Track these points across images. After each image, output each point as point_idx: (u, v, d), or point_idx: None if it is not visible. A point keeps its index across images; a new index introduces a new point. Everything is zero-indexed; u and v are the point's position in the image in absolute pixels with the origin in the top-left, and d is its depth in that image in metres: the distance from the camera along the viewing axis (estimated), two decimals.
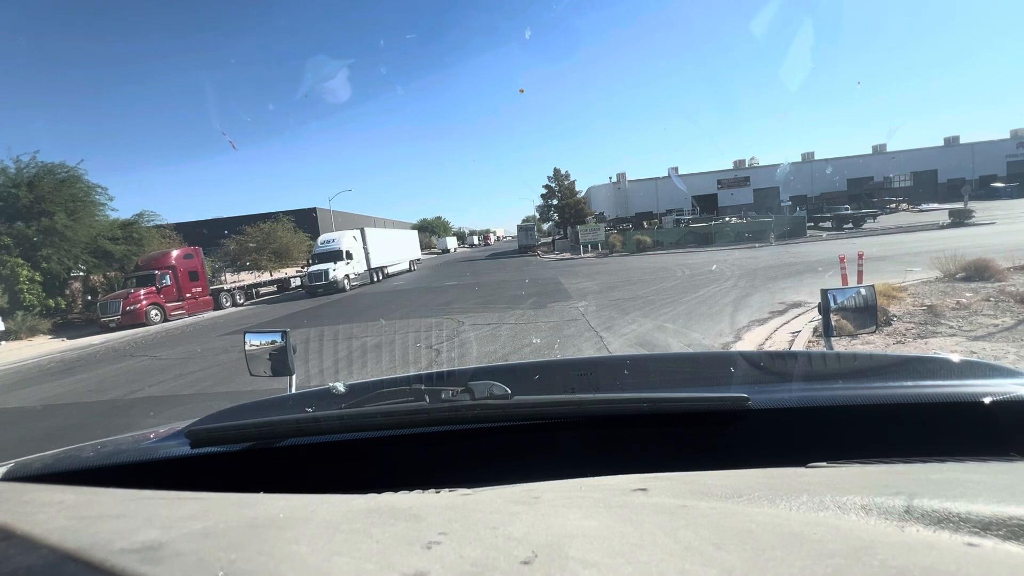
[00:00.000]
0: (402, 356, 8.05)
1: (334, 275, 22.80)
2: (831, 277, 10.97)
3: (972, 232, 20.56)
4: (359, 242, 26.52)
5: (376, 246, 27.91)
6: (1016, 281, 8.08)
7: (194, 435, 1.07)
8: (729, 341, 6.98)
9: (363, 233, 27.20)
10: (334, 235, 26.28)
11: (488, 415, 1.01)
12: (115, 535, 0.42)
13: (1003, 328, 5.74)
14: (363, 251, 26.39)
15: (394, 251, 31.20)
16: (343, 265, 23.87)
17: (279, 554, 0.42)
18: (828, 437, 1.00)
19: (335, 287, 22.75)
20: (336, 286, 22.78)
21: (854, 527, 0.50)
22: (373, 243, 27.69)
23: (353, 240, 26.05)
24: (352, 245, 25.45)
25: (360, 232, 27.24)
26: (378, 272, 28.05)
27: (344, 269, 23.77)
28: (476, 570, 0.41)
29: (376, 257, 27.67)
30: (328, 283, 22.60)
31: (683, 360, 1.92)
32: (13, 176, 19.84)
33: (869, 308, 1.81)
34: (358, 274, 25.40)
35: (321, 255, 24.38)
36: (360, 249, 26.20)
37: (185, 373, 8.77)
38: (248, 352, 1.95)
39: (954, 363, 1.21)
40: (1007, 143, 53.99)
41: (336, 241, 25.26)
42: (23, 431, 6.64)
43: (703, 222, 34.86)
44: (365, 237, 27.01)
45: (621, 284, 14.54)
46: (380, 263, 28.23)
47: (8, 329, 18.05)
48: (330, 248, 24.78)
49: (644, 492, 0.67)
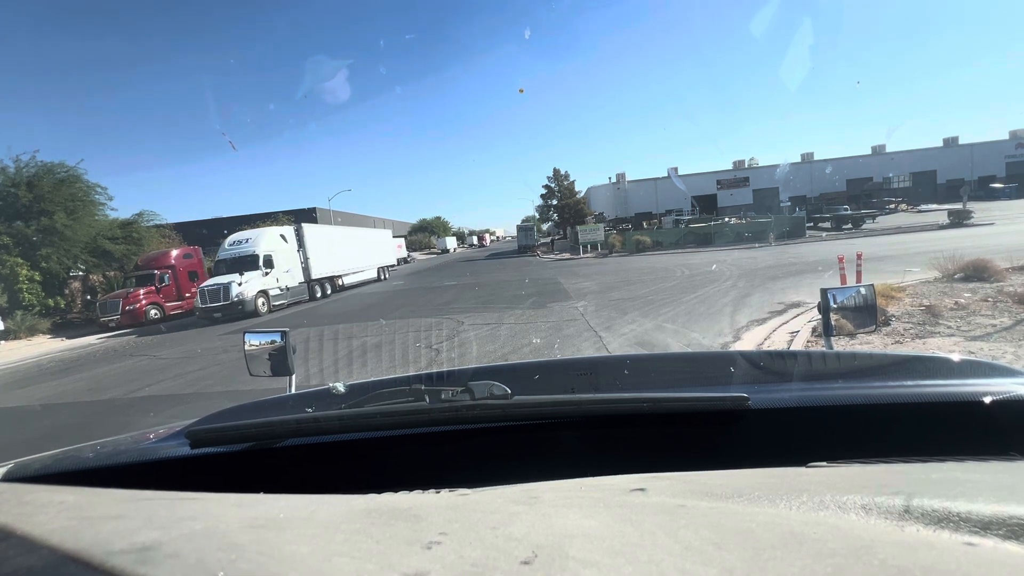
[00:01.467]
0: (402, 356, 8.05)
1: (239, 292, 16.36)
2: (830, 277, 10.98)
3: (971, 233, 20.58)
4: (291, 244, 19.80)
5: (321, 249, 21.10)
6: (1014, 281, 8.09)
7: (194, 435, 1.07)
8: (728, 341, 6.98)
9: (300, 232, 20.38)
10: (250, 233, 19.37)
11: (488, 415, 1.01)
12: (115, 535, 0.41)
13: (1001, 328, 5.74)
14: (299, 256, 19.95)
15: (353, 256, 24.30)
16: (257, 277, 17.25)
17: (279, 554, 0.42)
18: (828, 437, 1.00)
19: (240, 309, 16.29)
20: (242, 308, 16.31)
21: (854, 527, 0.50)
22: (316, 245, 20.81)
23: (280, 241, 19.34)
24: (276, 248, 18.80)
25: (295, 230, 20.46)
26: (324, 284, 21.34)
27: (257, 283, 17.17)
28: (476, 570, 0.41)
29: (321, 264, 20.97)
30: (229, 304, 16.17)
31: (683, 360, 1.92)
32: (13, 176, 19.84)
33: (868, 308, 1.81)
34: (287, 289, 18.87)
35: (228, 262, 17.78)
36: (291, 253, 19.59)
37: (184, 373, 8.76)
38: (248, 352, 1.95)
39: (954, 362, 1.21)
40: (1006, 144, 54.04)
41: (250, 242, 18.49)
42: (22, 431, 6.63)
43: (702, 222, 34.89)
44: (303, 237, 20.23)
45: (620, 284, 14.54)
46: (328, 272, 21.66)
47: (7, 329, 18.05)
48: (240, 252, 18.02)
49: (644, 492, 0.67)
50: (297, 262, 19.83)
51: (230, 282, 16.50)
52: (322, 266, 21.06)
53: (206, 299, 16.48)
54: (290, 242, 19.82)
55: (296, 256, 19.83)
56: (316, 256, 20.59)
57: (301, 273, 19.98)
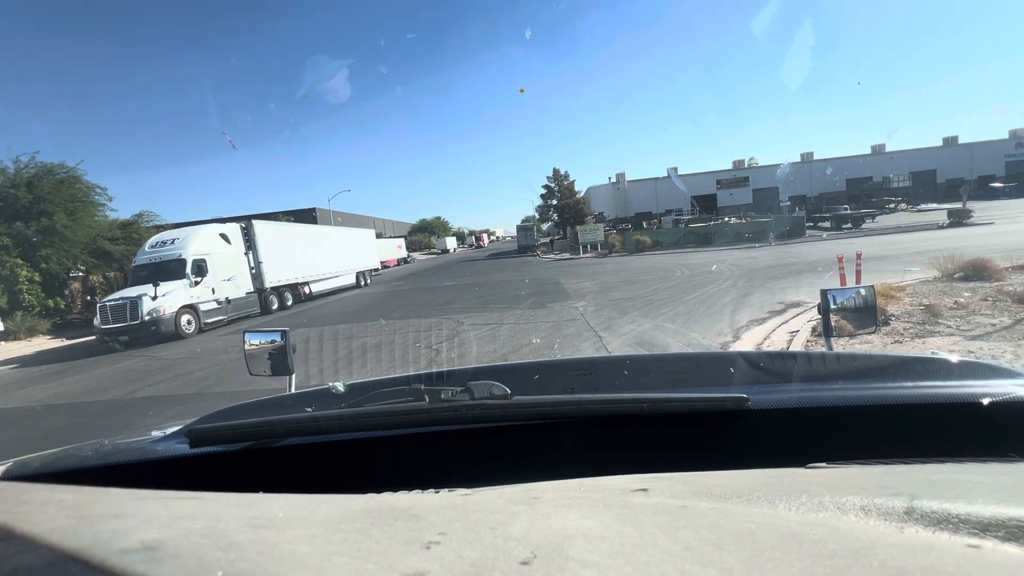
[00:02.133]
0: (401, 356, 8.05)
1: (153, 309, 12.70)
2: (830, 277, 10.99)
3: (971, 232, 20.59)
4: (236, 245, 16.08)
5: (277, 251, 17.48)
6: (1014, 281, 8.09)
7: (193, 434, 1.07)
8: (728, 341, 6.98)
9: (249, 231, 16.51)
10: (178, 233, 15.45)
11: (488, 415, 1.01)
12: (115, 535, 0.41)
13: (1001, 328, 5.74)
14: (247, 260, 16.34)
15: (323, 259, 20.94)
16: (181, 288, 13.53)
17: (278, 554, 0.42)
18: (828, 437, 1.00)
19: (155, 331, 12.71)
20: (157, 329, 12.71)
21: (854, 528, 0.50)
22: (271, 246, 17.18)
23: (219, 242, 15.55)
24: (214, 250, 15.08)
25: (242, 228, 16.52)
26: (284, 294, 17.95)
27: (181, 295, 13.45)
28: (476, 570, 0.41)
29: (278, 269, 17.36)
30: (139, 324, 12.57)
31: (683, 360, 1.92)
32: (12, 176, 19.85)
33: (868, 308, 1.81)
34: (227, 301, 15.15)
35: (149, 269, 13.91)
36: (236, 257, 15.92)
37: (184, 373, 8.76)
38: (248, 352, 1.95)
39: (953, 364, 1.21)
40: (1006, 143, 54.07)
41: (177, 243, 14.65)
42: (22, 430, 6.63)
43: (702, 222, 34.90)
44: (253, 237, 16.45)
45: (620, 284, 14.55)
46: (288, 278, 18.03)
47: (7, 329, 18.05)
48: (162, 256, 14.24)
49: (644, 492, 0.67)
50: (245, 267, 16.26)
51: (140, 296, 12.69)
52: (279, 272, 17.57)
53: (108, 318, 12.73)
54: (235, 243, 16.12)
55: (243, 260, 16.25)
56: (271, 260, 17.09)
57: (250, 281, 16.38)
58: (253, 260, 16.59)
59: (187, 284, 13.85)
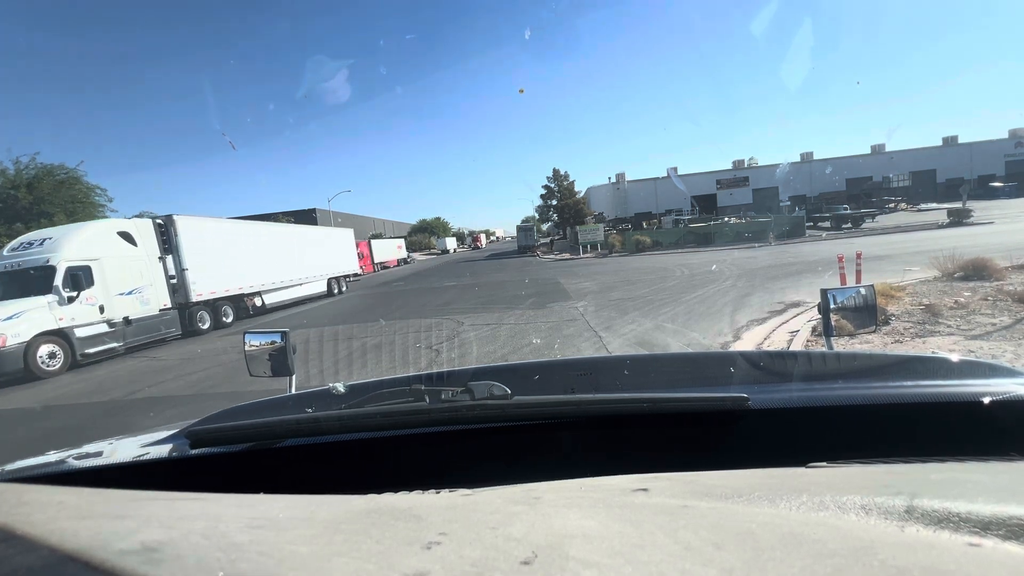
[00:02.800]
0: (402, 356, 8.05)
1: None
2: (830, 277, 10.99)
3: (970, 232, 20.59)
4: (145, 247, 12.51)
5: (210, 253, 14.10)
6: (1014, 280, 8.09)
7: (194, 435, 1.07)
8: (728, 340, 6.98)
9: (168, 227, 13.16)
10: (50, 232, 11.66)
11: (488, 415, 1.01)
12: (115, 536, 0.41)
13: (1001, 327, 5.74)
14: (164, 266, 12.88)
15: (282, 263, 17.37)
16: (41, 307, 9.94)
17: (279, 554, 0.42)
18: (828, 437, 1.00)
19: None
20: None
21: (854, 527, 0.50)
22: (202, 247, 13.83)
23: (116, 243, 11.86)
24: (105, 254, 11.36)
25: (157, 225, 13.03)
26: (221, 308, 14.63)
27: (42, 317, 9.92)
28: (476, 570, 0.41)
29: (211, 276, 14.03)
30: None
31: (683, 360, 1.92)
32: (13, 177, 19.93)
33: (869, 308, 1.81)
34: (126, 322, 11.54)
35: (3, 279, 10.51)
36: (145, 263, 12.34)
37: (184, 374, 8.76)
38: (248, 352, 1.96)
39: (954, 363, 1.21)
40: (1006, 143, 54.05)
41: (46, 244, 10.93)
42: (23, 431, 6.62)
43: (702, 222, 34.91)
44: (175, 235, 13.16)
45: (620, 284, 14.55)
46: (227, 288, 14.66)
47: None
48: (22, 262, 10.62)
49: (644, 492, 0.67)
50: (160, 276, 12.74)
51: None
52: (214, 280, 14.11)
53: None
54: (144, 245, 12.47)
55: (157, 267, 12.71)
56: (202, 265, 13.65)
57: (167, 293, 12.84)
58: (174, 266, 13.18)
59: (52, 301, 10.12)
